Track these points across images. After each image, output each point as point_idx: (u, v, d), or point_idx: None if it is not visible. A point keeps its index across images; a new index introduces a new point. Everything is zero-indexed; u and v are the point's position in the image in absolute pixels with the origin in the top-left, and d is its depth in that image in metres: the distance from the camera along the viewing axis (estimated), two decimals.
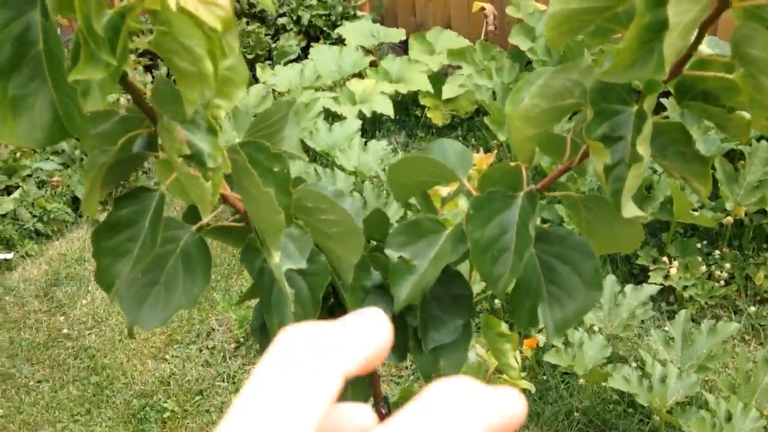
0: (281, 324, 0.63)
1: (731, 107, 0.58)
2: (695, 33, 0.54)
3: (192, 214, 0.68)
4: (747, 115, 0.57)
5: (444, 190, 0.80)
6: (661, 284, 2.57)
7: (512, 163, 0.68)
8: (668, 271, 2.62)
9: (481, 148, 3.13)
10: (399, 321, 0.74)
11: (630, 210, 0.51)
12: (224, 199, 0.64)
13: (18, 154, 3.63)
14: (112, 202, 0.59)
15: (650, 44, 0.44)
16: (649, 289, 2.29)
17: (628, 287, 2.28)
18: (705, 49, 0.56)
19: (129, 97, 0.50)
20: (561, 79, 0.56)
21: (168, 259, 0.61)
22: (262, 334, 0.72)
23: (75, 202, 3.54)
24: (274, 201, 0.54)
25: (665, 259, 2.66)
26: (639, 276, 2.66)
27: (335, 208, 0.62)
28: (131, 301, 0.59)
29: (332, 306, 0.72)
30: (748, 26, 0.48)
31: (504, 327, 0.88)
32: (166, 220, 0.62)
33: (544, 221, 2.77)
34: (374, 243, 0.73)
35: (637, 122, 0.54)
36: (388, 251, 0.68)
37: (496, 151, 1.91)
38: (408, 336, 0.73)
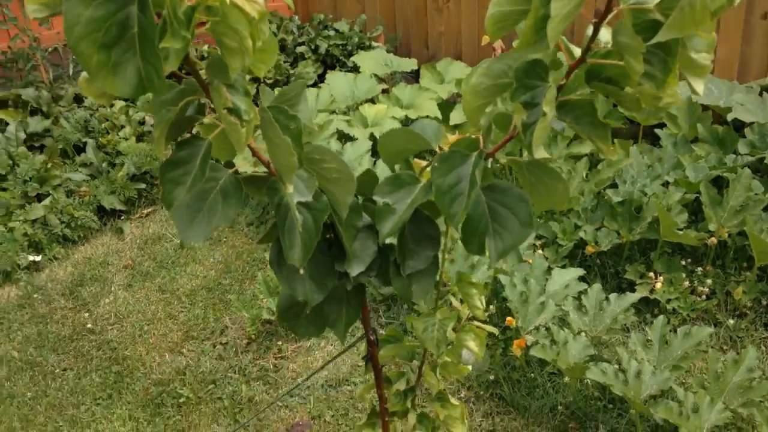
0: (292, 245, 0.84)
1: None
2: (586, 26, 0.75)
3: (228, 166, 0.89)
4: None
5: (423, 163, 1.01)
6: (646, 297, 2.75)
7: (473, 136, 0.89)
8: (654, 286, 2.80)
9: None
10: (382, 256, 0.94)
11: (540, 152, 0.72)
12: (252, 152, 0.86)
13: (49, 165, 3.90)
14: (173, 147, 0.81)
15: (543, 31, 0.65)
16: (632, 297, 2.47)
17: (612, 296, 2.47)
18: (605, 36, 0.77)
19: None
20: (500, 63, 0.78)
21: (210, 193, 0.83)
22: (278, 263, 0.92)
23: (101, 211, 3.79)
24: (290, 145, 0.76)
25: (651, 274, 2.85)
26: (626, 289, 2.84)
27: (336, 159, 0.83)
28: (183, 221, 0.81)
29: (330, 240, 0.93)
30: (620, 22, 0.69)
31: (472, 278, 1.08)
32: (211, 164, 0.83)
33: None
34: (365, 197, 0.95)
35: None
36: (376, 197, 0.89)
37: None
38: (389, 266, 0.94)
